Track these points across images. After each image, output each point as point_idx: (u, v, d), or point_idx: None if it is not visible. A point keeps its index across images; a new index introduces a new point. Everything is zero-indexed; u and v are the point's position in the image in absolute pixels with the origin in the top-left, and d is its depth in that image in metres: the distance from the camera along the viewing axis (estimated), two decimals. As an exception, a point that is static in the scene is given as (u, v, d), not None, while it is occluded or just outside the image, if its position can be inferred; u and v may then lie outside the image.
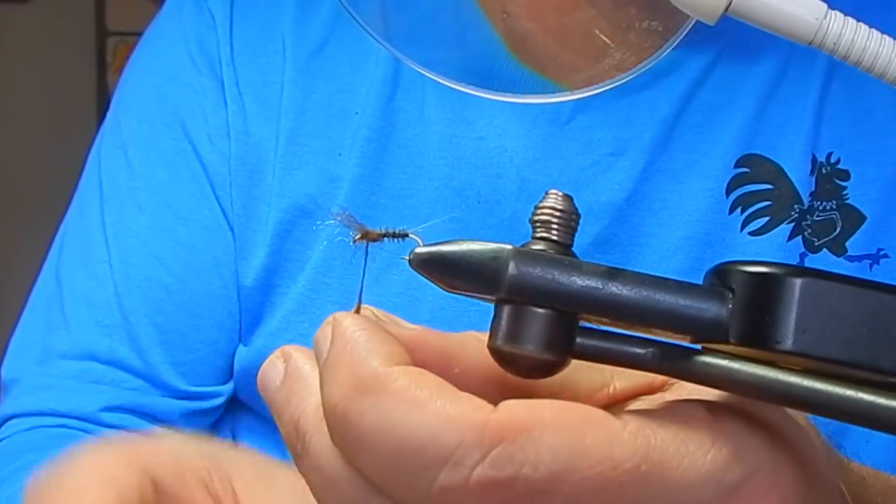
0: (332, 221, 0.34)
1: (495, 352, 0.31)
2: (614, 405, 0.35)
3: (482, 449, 0.28)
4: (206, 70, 0.68)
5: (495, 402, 0.30)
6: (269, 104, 0.66)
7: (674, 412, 0.31)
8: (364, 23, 0.43)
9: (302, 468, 0.32)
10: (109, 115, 0.72)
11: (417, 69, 0.43)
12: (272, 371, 0.33)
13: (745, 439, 0.30)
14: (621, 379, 0.35)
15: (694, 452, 0.29)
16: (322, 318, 0.72)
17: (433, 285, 0.32)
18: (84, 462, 0.37)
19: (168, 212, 0.67)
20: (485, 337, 0.33)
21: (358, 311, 0.34)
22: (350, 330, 0.31)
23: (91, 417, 0.65)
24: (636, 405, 0.34)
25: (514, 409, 0.29)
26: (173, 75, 0.69)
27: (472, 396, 0.29)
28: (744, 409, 0.32)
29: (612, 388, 0.35)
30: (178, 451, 0.39)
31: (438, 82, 0.42)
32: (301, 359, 0.33)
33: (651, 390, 0.35)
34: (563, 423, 0.28)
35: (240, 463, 0.40)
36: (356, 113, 0.65)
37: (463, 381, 0.31)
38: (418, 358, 0.31)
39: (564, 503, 0.28)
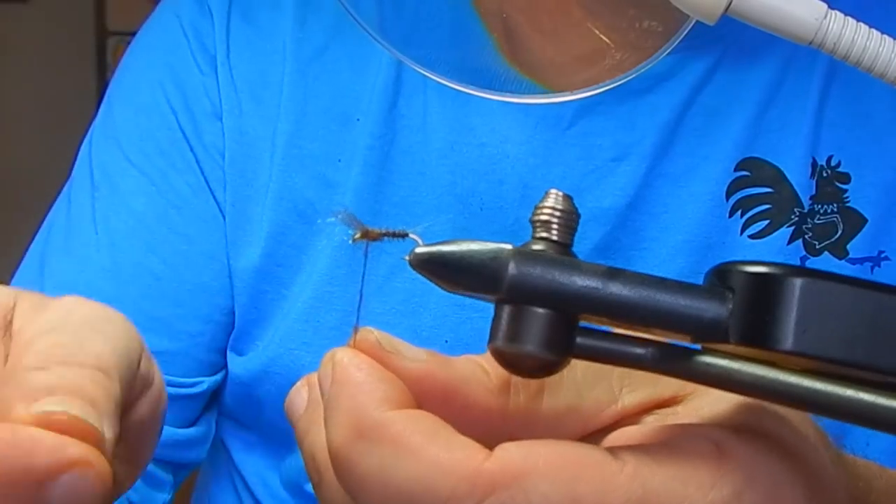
0: (333, 219, 0.34)
1: (496, 352, 0.31)
2: (627, 421, 0.35)
3: (474, 499, 0.28)
4: (205, 66, 0.67)
5: (498, 435, 0.30)
6: (267, 104, 0.66)
7: (677, 447, 0.31)
8: (363, 25, 0.43)
9: (318, 496, 0.33)
10: (102, 107, 0.71)
11: (419, 70, 0.43)
12: (297, 398, 0.35)
13: (749, 477, 0.30)
14: (631, 392, 0.35)
15: (693, 495, 0.29)
16: (326, 327, 0.71)
17: (436, 292, 0.32)
18: None
19: (163, 199, 0.66)
20: (489, 365, 0.33)
21: (356, 332, 0.34)
22: (349, 371, 0.31)
23: None
24: (649, 422, 0.34)
25: (507, 455, 0.29)
26: (171, 67, 0.68)
27: (467, 442, 0.30)
28: (752, 427, 0.32)
29: (620, 404, 0.35)
30: None
31: (440, 83, 0.42)
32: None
33: (665, 403, 0.35)
34: (556, 469, 0.29)
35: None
36: (357, 119, 0.65)
37: (463, 417, 0.32)
38: (420, 392, 0.32)
39: None
